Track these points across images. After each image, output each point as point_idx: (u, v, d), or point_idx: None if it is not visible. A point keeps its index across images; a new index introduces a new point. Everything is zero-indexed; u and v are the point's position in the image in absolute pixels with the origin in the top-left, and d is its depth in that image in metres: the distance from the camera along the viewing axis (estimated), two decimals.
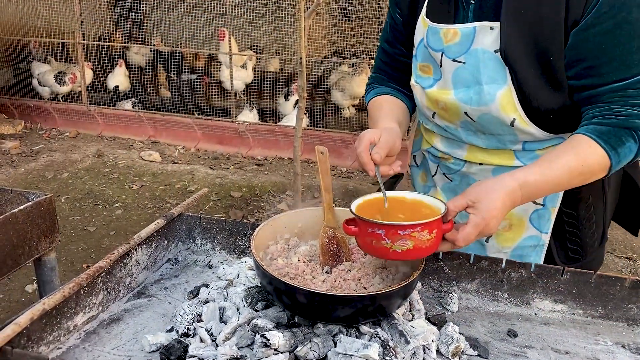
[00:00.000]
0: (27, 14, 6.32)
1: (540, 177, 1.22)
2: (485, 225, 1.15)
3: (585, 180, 1.27)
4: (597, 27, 1.22)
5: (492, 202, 1.16)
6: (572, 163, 1.23)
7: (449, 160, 1.56)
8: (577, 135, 1.27)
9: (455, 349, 1.15)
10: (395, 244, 1.11)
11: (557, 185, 1.26)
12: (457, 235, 1.15)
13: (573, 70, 1.28)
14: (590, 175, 1.26)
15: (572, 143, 1.27)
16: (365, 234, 1.15)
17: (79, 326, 1.21)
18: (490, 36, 1.31)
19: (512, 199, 1.19)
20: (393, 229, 1.11)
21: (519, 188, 1.20)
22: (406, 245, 1.10)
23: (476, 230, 1.15)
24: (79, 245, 3.95)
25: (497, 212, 1.16)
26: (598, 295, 1.34)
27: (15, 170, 5.21)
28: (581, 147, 1.24)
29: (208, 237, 1.57)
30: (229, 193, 4.88)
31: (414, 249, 1.11)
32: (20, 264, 1.79)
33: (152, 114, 6.06)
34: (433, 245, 1.14)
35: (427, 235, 1.11)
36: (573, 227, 1.50)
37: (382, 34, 1.63)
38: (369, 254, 1.28)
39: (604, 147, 1.23)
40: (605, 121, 1.25)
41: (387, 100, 1.58)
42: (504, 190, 1.18)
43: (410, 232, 1.10)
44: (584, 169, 1.24)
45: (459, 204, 1.18)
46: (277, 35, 5.99)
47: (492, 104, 1.34)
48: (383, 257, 1.20)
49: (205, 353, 1.08)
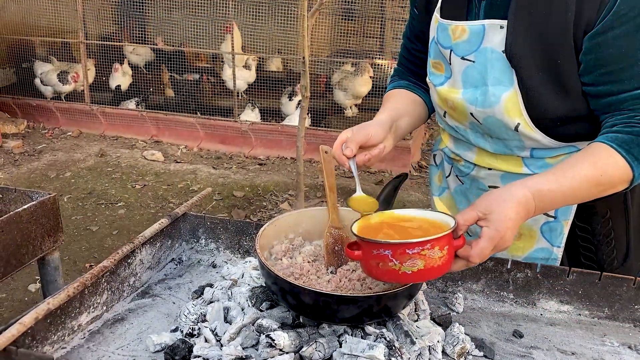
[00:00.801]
0: (30, 13, 6.32)
1: (555, 186, 1.13)
2: (500, 238, 1.06)
3: (603, 191, 1.19)
4: (615, 30, 1.15)
5: (505, 213, 1.07)
6: (589, 172, 1.14)
7: (460, 163, 1.53)
8: (596, 143, 1.19)
9: (461, 349, 1.15)
10: (404, 265, 1.02)
11: (574, 197, 1.17)
12: (470, 251, 1.06)
13: (590, 76, 1.22)
14: (609, 186, 1.18)
15: (590, 151, 1.18)
16: (369, 257, 1.06)
17: (83, 326, 1.20)
18: (500, 35, 1.27)
19: (526, 208, 1.10)
20: (401, 247, 1.01)
21: (532, 197, 1.11)
22: (416, 265, 1.02)
23: (491, 243, 1.06)
24: (82, 245, 3.95)
25: (511, 223, 1.07)
26: (604, 296, 1.33)
27: (18, 170, 5.22)
28: (600, 156, 1.16)
29: (212, 236, 1.57)
30: (231, 193, 4.88)
31: (425, 269, 1.02)
32: (24, 264, 1.79)
33: (154, 114, 6.07)
34: (446, 263, 1.04)
35: (438, 252, 1.02)
36: (588, 243, 1.42)
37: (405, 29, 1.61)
38: (377, 280, 1.17)
39: (626, 158, 1.15)
40: (627, 129, 1.17)
41: (398, 93, 1.56)
42: (517, 200, 1.09)
43: (419, 250, 1.01)
44: (603, 179, 1.15)
45: (468, 217, 1.09)
46: (279, 35, 5.98)
47: (497, 106, 1.31)
48: (392, 281, 1.08)
49: (210, 353, 1.08)
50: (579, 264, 1.44)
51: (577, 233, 1.42)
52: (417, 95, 1.56)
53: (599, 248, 1.42)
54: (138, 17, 6.62)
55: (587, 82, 1.23)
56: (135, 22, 6.73)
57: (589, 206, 1.37)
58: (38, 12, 6.26)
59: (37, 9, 6.26)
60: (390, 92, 1.59)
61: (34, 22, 6.31)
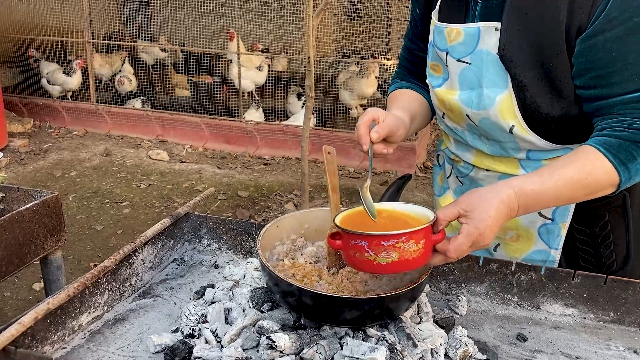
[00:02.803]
0: (37, 13, 6.34)
1: (538, 187, 1.13)
2: (479, 234, 1.07)
3: (590, 194, 1.19)
4: (606, 34, 1.15)
5: (486, 211, 1.07)
6: (574, 175, 1.15)
7: (459, 163, 1.53)
8: (585, 146, 1.19)
9: (463, 352, 1.13)
10: (379, 256, 1.03)
11: (558, 198, 1.17)
12: (448, 246, 1.07)
13: (581, 79, 1.22)
14: (595, 189, 1.18)
15: (577, 154, 1.19)
16: (348, 247, 1.08)
17: (83, 326, 1.20)
18: (494, 37, 1.27)
19: (508, 207, 1.11)
20: (376, 239, 1.03)
21: (515, 197, 1.11)
22: (391, 257, 1.03)
23: (469, 240, 1.07)
24: (87, 244, 3.96)
25: (491, 220, 1.07)
26: (610, 300, 1.31)
27: (24, 169, 5.24)
28: (587, 159, 1.16)
29: (214, 237, 1.56)
30: (236, 192, 4.88)
31: (400, 261, 1.04)
32: (27, 263, 1.79)
33: (160, 113, 6.08)
34: (421, 257, 1.06)
35: (413, 245, 1.03)
36: (586, 245, 1.42)
37: (406, 30, 1.61)
38: (355, 269, 1.20)
39: (613, 162, 1.15)
40: (616, 133, 1.17)
41: (405, 94, 1.56)
42: (499, 198, 1.09)
43: (394, 243, 1.02)
44: (588, 182, 1.16)
45: (449, 213, 1.09)
46: (285, 35, 5.98)
47: (491, 108, 1.31)
48: (368, 271, 1.11)
49: (210, 354, 1.07)
50: (578, 266, 1.43)
51: (576, 235, 1.42)
52: (421, 95, 1.56)
53: (598, 251, 1.42)
54: (144, 16, 6.63)
55: (579, 85, 1.24)
56: (141, 21, 6.74)
57: (587, 209, 1.37)
58: (45, 12, 6.28)
59: (43, 8, 6.28)
60: (395, 92, 1.59)
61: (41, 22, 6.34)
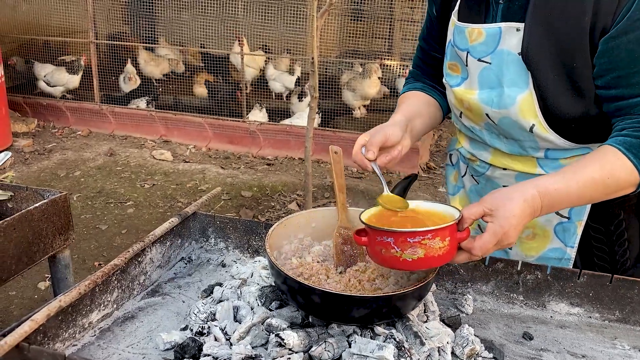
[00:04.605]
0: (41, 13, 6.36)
1: (562, 187, 1.15)
2: (504, 234, 1.09)
3: (611, 194, 1.20)
4: (629, 35, 1.17)
5: (511, 210, 1.10)
6: (596, 174, 1.16)
7: (475, 162, 1.54)
8: (605, 146, 1.21)
9: (470, 351, 1.14)
10: (405, 253, 1.06)
11: (580, 197, 1.19)
12: (473, 244, 1.09)
13: (602, 79, 1.23)
14: (616, 189, 1.20)
15: (598, 154, 1.20)
16: (374, 243, 1.11)
17: (94, 323, 1.21)
18: (516, 37, 1.28)
19: (532, 207, 1.12)
20: (402, 236, 1.06)
21: (539, 196, 1.13)
22: (417, 253, 1.06)
23: (494, 238, 1.09)
24: (91, 243, 3.97)
25: (516, 220, 1.10)
26: (615, 299, 1.32)
27: (28, 169, 5.26)
28: (607, 159, 1.18)
29: (221, 236, 1.57)
30: (239, 193, 4.89)
31: (425, 258, 1.06)
32: (36, 261, 1.80)
33: (163, 113, 6.09)
34: (446, 254, 1.08)
35: (439, 243, 1.06)
36: (601, 243, 1.43)
37: (421, 31, 1.63)
38: (380, 265, 1.23)
39: (633, 161, 1.16)
40: (636, 133, 1.18)
41: (412, 95, 1.57)
42: (523, 198, 1.11)
43: (420, 240, 1.05)
44: (610, 181, 1.17)
45: (474, 212, 1.12)
46: (288, 35, 5.99)
47: (512, 107, 1.32)
48: (393, 267, 1.14)
49: (220, 352, 1.08)
50: (592, 264, 1.45)
51: (591, 234, 1.43)
52: (431, 97, 1.57)
53: (612, 249, 1.43)
54: (148, 17, 6.64)
55: (600, 85, 1.25)
56: (145, 22, 6.75)
57: (603, 207, 1.37)
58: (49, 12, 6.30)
59: (47, 9, 6.30)
60: (404, 94, 1.60)
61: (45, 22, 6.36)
